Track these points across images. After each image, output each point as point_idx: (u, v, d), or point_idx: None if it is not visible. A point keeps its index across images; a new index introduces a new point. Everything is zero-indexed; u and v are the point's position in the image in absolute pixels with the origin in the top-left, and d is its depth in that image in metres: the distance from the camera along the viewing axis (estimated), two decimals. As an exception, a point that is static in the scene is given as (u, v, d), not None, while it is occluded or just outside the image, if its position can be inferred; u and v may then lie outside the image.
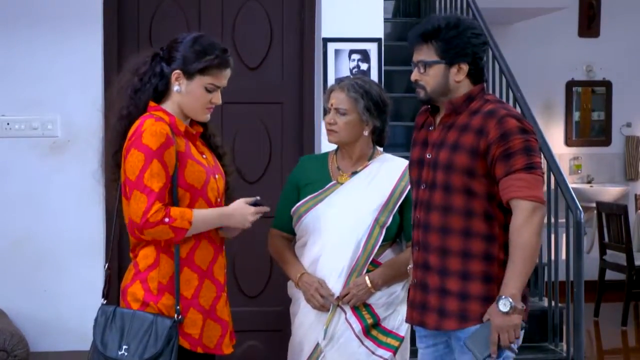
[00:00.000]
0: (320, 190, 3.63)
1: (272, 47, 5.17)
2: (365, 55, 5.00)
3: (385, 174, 3.63)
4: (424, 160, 3.23)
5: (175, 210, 3.05)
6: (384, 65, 5.07)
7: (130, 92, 3.18)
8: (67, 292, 4.86)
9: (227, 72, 3.21)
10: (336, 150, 3.72)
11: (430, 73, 3.16)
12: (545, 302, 5.77)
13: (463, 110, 3.17)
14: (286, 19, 5.15)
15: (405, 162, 3.67)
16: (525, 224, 3.02)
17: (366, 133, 3.61)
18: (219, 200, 3.25)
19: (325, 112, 3.68)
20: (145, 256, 3.13)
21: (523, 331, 3.15)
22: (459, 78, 3.16)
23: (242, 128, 5.10)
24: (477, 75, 3.19)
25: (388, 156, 3.74)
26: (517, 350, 3.14)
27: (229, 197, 3.40)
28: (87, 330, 4.87)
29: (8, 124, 4.87)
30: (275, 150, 5.13)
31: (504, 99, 6.12)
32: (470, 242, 3.11)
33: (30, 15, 4.89)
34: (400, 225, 3.63)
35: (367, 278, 3.53)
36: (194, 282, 3.13)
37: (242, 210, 3.20)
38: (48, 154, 4.89)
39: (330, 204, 3.60)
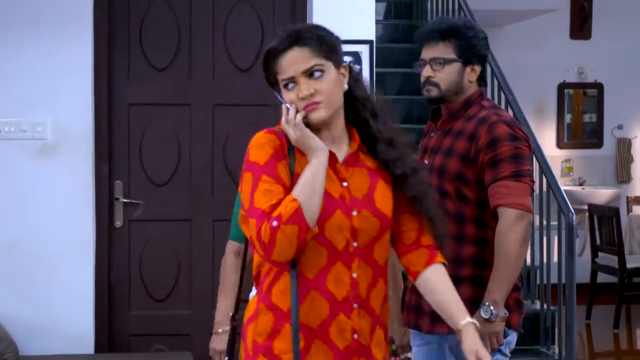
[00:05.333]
0: None
1: (264, 48, 5.13)
2: (356, 57, 4.98)
3: None
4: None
5: (279, 207, 2.40)
6: (376, 67, 5.06)
7: None
8: (57, 296, 4.84)
9: (285, 59, 2.78)
10: None
11: (446, 70, 3.15)
12: (537, 305, 5.76)
13: (460, 116, 3.16)
14: (277, 20, 5.13)
15: None
16: (508, 231, 3.00)
17: None
18: (354, 245, 2.46)
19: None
20: (249, 305, 2.60)
21: (516, 335, 3.14)
22: (472, 78, 3.17)
23: (233, 130, 5.07)
24: (482, 79, 3.20)
25: None
26: (509, 354, 3.13)
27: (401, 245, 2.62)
28: (77, 334, 4.90)
29: (-3, 126, 4.86)
30: (267, 153, 5.10)
31: (496, 101, 6.12)
32: (462, 247, 3.10)
33: (20, 18, 4.87)
34: None
35: None
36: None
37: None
38: (38, 156, 4.86)
39: None
